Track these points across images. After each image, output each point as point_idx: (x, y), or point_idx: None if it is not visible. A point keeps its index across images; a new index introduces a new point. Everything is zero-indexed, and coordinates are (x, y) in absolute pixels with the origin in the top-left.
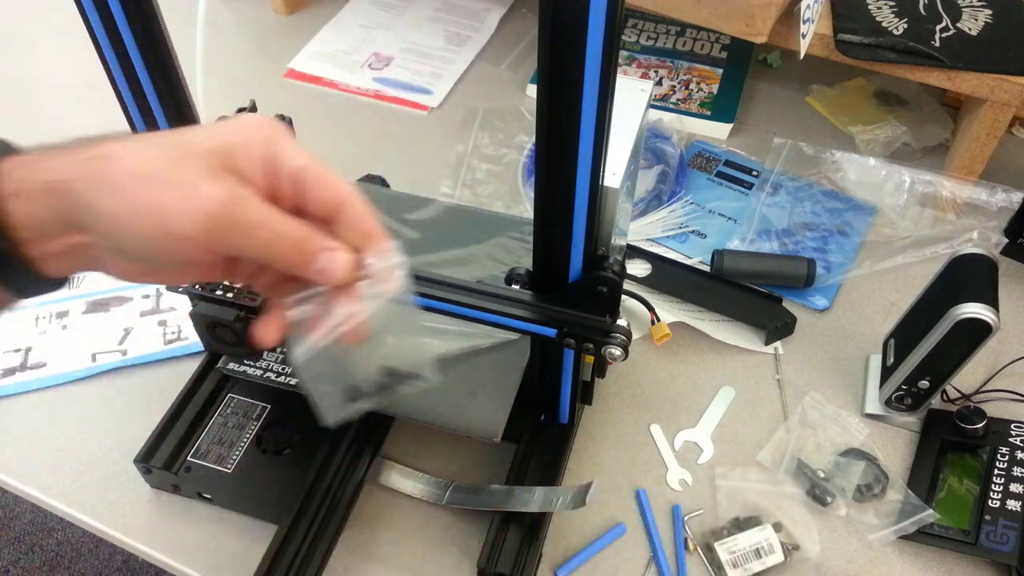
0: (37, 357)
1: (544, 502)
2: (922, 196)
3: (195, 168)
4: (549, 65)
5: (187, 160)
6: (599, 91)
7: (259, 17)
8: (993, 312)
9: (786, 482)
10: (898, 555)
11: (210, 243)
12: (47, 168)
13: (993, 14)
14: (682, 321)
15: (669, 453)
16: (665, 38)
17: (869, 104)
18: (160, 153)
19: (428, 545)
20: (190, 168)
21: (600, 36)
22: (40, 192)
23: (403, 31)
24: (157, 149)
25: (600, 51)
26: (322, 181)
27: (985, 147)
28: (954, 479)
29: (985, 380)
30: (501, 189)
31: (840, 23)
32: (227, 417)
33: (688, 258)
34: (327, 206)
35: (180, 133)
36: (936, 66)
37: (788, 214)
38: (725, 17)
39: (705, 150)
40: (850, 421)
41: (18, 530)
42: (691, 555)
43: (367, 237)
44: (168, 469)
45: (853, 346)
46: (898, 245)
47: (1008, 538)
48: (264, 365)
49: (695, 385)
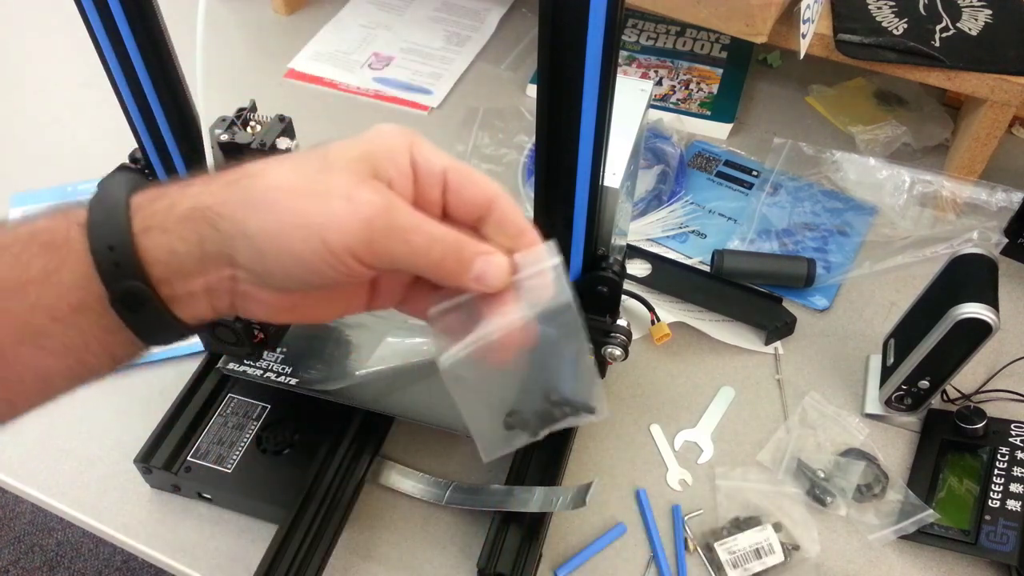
0: None
1: (544, 502)
2: (922, 196)
3: (345, 177)
4: (549, 65)
5: (334, 170)
6: (599, 91)
7: (259, 17)
8: (993, 312)
9: (786, 482)
10: (898, 555)
11: (367, 254)
12: (187, 196)
13: (993, 14)
14: (682, 321)
15: (669, 453)
16: (665, 38)
17: (869, 104)
18: (305, 165)
19: (428, 545)
20: (339, 177)
21: (600, 36)
22: (180, 223)
23: (403, 31)
24: (301, 163)
25: (600, 51)
26: (469, 180)
27: (985, 147)
28: (954, 479)
29: (985, 380)
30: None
31: (840, 23)
32: (227, 417)
33: (688, 258)
34: (476, 206)
35: (318, 148)
36: (936, 66)
37: (788, 214)
38: (725, 17)
39: (705, 150)
40: (850, 421)
41: (18, 530)
42: (691, 555)
43: (519, 235)
44: (168, 469)
45: (853, 346)
46: (898, 245)
47: (1008, 538)
48: (264, 365)
49: (695, 385)
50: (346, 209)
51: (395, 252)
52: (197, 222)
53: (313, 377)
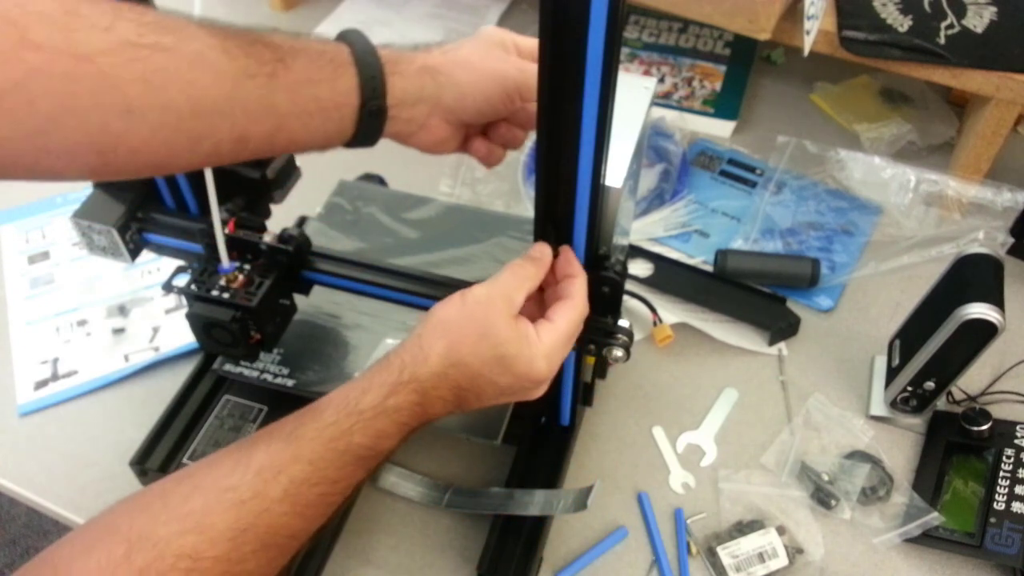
0: (67, 366)
1: (545, 505)
2: (927, 196)
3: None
4: (549, 62)
5: (494, 48)
6: (600, 89)
7: (256, 13)
8: (999, 312)
9: (790, 485)
10: (903, 558)
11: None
12: (417, 58)
13: (998, 11)
14: (685, 322)
15: (671, 455)
16: (667, 35)
17: (874, 102)
18: (478, 43)
19: (427, 549)
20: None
21: (601, 32)
22: (414, 75)
23: (402, 28)
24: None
25: (601, 48)
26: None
27: (991, 145)
28: (959, 481)
29: (991, 381)
30: (501, 188)
31: (845, 20)
32: (223, 419)
33: (691, 258)
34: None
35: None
36: (941, 64)
37: (792, 213)
38: (728, 14)
39: (708, 148)
40: (855, 423)
41: (13, 533)
42: (694, 559)
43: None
44: (164, 471)
45: (858, 347)
46: (903, 245)
47: (1013, 541)
48: (260, 366)
49: (698, 386)
50: (512, 65)
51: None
52: (423, 75)
53: (311, 378)
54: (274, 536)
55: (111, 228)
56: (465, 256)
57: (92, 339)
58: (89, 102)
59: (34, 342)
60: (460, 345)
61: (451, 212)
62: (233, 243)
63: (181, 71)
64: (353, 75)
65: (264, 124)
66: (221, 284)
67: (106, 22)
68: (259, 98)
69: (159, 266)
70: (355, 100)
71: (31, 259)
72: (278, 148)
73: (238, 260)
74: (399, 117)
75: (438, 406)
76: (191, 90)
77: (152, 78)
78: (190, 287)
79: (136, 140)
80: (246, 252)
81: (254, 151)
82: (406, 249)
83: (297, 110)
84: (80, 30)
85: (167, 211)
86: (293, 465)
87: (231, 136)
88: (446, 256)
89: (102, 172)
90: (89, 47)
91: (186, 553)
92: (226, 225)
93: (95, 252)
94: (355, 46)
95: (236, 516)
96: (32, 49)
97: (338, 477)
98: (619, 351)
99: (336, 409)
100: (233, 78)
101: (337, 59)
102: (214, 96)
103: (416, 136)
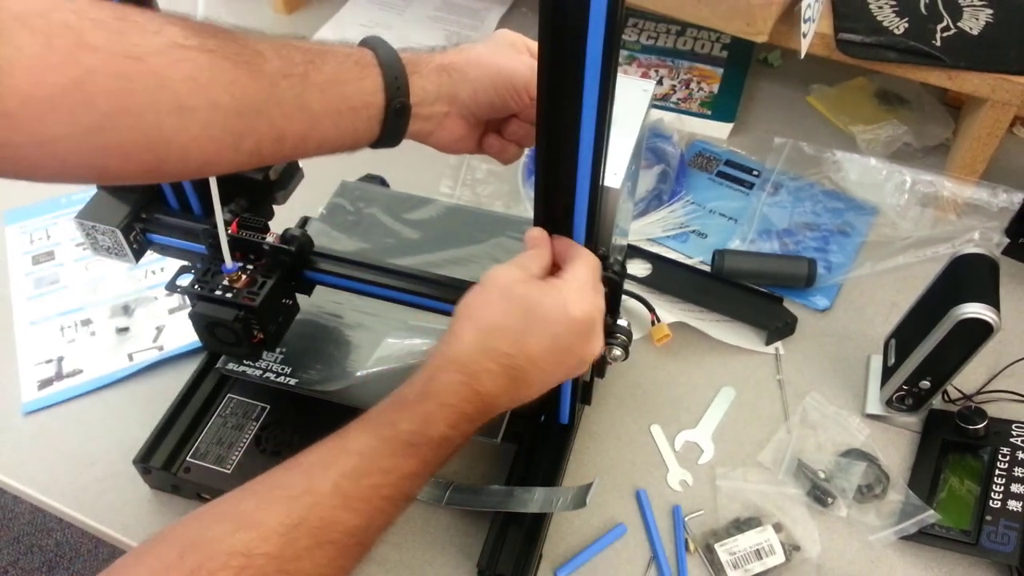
0: (71, 365)
1: (544, 503)
2: (923, 196)
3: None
4: (549, 64)
5: (505, 47)
6: (599, 91)
7: (259, 16)
8: (994, 312)
9: (787, 483)
10: (899, 556)
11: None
12: (434, 58)
13: (994, 14)
14: (683, 321)
15: (669, 453)
16: (666, 37)
17: (870, 104)
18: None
19: (428, 546)
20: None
21: (600, 35)
22: (431, 74)
23: (403, 30)
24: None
25: (600, 51)
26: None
27: (986, 147)
28: (955, 480)
29: (986, 380)
30: (501, 189)
31: (841, 22)
32: (226, 417)
33: (689, 258)
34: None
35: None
36: (937, 65)
37: (789, 214)
38: (726, 16)
39: (706, 150)
40: (851, 421)
41: (17, 530)
42: (691, 556)
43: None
44: (167, 469)
45: (854, 346)
46: (899, 245)
47: (1009, 539)
48: (263, 365)
49: (695, 385)
50: (523, 63)
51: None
52: (440, 74)
53: (313, 377)
54: (328, 532)
55: (115, 229)
56: (465, 256)
57: (96, 338)
58: (143, 100)
59: (38, 342)
60: (488, 315)
61: (452, 213)
62: (236, 243)
63: (225, 70)
64: (378, 75)
65: (299, 123)
66: (224, 284)
67: (155, 27)
68: (294, 97)
69: (163, 266)
70: (381, 100)
71: (36, 259)
72: (311, 148)
73: (241, 260)
74: (420, 115)
75: (487, 381)
76: (234, 88)
77: (199, 76)
78: (194, 287)
79: (186, 137)
80: (249, 252)
81: (291, 151)
82: (407, 249)
83: (329, 109)
84: (132, 33)
85: (171, 212)
86: (341, 457)
87: (270, 135)
88: (447, 256)
89: (156, 171)
90: (141, 48)
91: (238, 551)
92: (229, 226)
93: (99, 252)
94: (378, 50)
95: (287, 511)
96: (89, 51)
97: (389, 467)
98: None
99: (381, 406)
100: (270, 77)
101: (362, 61)
102: (253, 94)
103: (435, 135)
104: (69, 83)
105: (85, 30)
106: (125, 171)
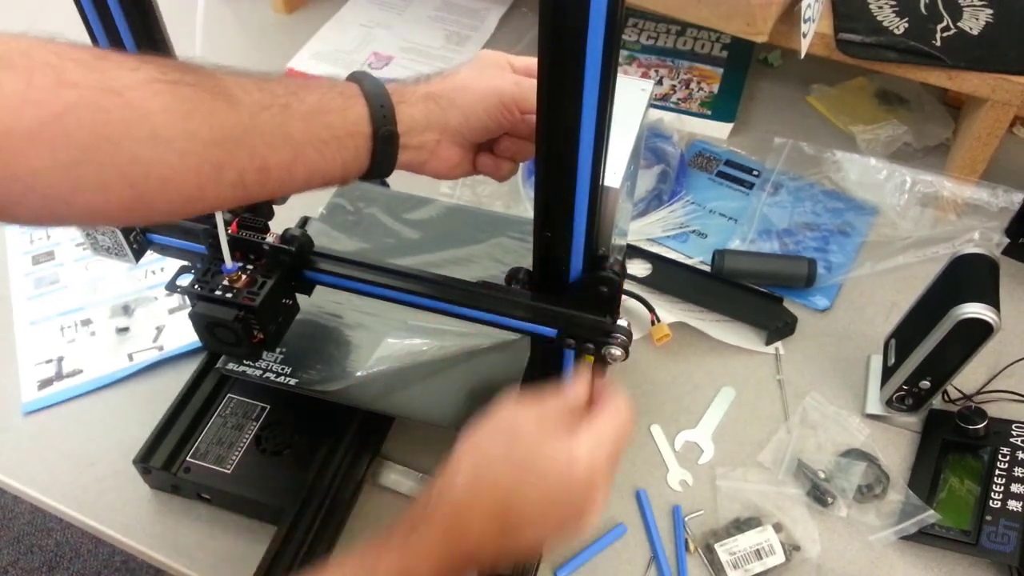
0: (71, 365)
1: None
2: (923, 196)
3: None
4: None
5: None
6: (599, 91)
7: (259, 16)
8: (994, 312)
9: (787, 483)
10: (899, 556)
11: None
12: (419, 87)
13: (994, 14)
14: (682, 321)
15: (669, 453)
16: (665, 38)
17: (870, 104)
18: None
19: None
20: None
21: (600, 35)
22: (418, 102)
23: (403, 30)
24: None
25: (600, 51)
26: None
27: (986, 147)
28: (955, 479)
29: (986, 380)
30: (501, 189)
31: (841, 22)
32: (226, 417)
33: (689, 258)
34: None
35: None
36: (937, 66)
37: (789, 214)
38: (726, 16)
39: (706, 150)
40: (851, 421)
41: (17, 530)
42: (691, 556)
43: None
44: (167, 469)
45: (854, 346)
46: (899, 245)
47: (1009, 539)
48: (263, 365)
49: (695, 385)
50: (508, 80)
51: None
52: (428, 102)
53: (313, 377)
54: None
55: (115, 229)
56: (465, 256)
57: (96, 338)
58: (120, 130)
59: (38, 342)
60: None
61: (452, 213)
62: (236, 243)
63: (203, 101)
64: (363, 105)
65: (282, 153)
66: (224, 284)
67: (133, 64)
68: (276, 127)
69: (163, 266)
70: (367, 128)
71: (35, 259)
72: (298, 179)
73: (241, 260)
74: (410, 145)
75: (475, 529)
76: (212, 119)
77: (176, 107)
78: (194, 287)
79: (165, 168)
80: (249, 252)
81: (277, 183)
82: (407, 249)
83: (312, 138)
84: (110, 70)
85: None
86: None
87: (252, 165)
88: (447, 256)
89: (137, 208)
90: (119, 83)
91: None
92: (229, 226)
93: (99, 252)
94: (362, 81)
95: None
96: (68, 87)
97: None
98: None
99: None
100: (250, 108)
101: (346, 92)
102: (232, 124)
103: (429, 163)
104: (49, 117)
105: (66, 68)
106: (107, 207)
